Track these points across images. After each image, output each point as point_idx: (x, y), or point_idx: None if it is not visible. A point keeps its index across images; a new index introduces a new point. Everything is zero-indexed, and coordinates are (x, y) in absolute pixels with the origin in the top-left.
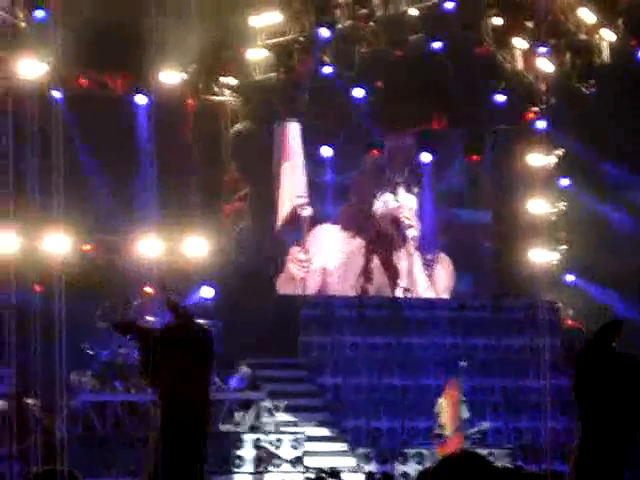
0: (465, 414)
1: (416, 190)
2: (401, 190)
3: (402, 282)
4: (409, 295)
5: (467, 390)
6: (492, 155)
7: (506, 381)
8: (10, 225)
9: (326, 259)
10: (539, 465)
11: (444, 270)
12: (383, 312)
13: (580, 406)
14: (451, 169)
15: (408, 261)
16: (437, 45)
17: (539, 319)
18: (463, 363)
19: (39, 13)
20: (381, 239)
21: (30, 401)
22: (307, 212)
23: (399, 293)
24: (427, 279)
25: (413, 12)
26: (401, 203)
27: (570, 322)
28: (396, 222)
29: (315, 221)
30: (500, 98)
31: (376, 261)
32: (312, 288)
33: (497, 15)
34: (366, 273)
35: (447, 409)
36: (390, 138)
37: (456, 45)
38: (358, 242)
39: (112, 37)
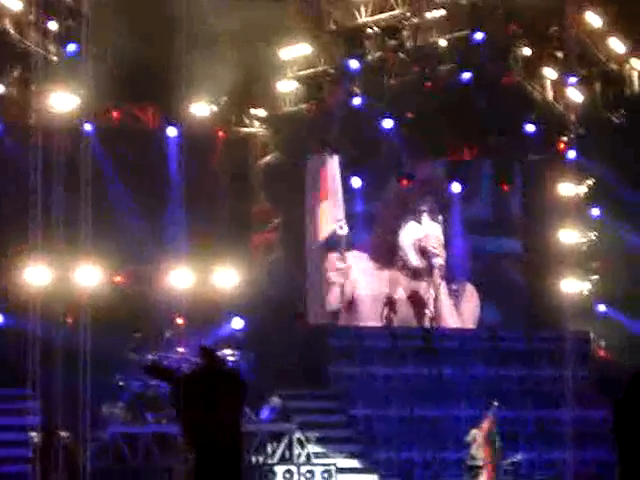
0: (499, 443)
1: (440, 218)
2: (425, 218)
3: (428, 312)
4: (435, 325)
5: (500, 421)
6: (522, 185)
7: (539, 412)
8: (41, 257)
9: (356, 285)
10: None
11: (470, 300)
12: (414, 342)
13: (619, 445)
14: (480, 198)
15: (434, 291)
16: (467, 76)
17: (570, 350)
18: (495, 403)
19: (71, 47)
20: (406, 269)
21: (63, 433)
22: (344, 230)
23: (427, 324)
24: (453, 309)
25: (443, 43)
26: (427, 232)
27: (602, 353)
28: (423, 251)
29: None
30: (530, 128)
31: (401, 292)
32: (346, 299)
33: (526, 45)
34: (391, 304)
35: (481, 442)
36: (417, 167)
37: (486, 76)
38: (385, 273)
39: (143, 70)
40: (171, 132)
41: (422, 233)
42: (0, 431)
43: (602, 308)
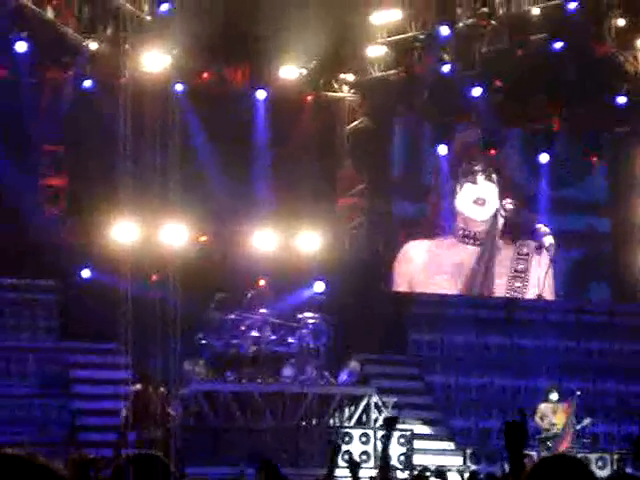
0: (577, 425)
1: (495, 177)
2: (480, 178)
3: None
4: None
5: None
6: (610, 157)
7: (619, 386)
8: (129, 215)
9: (414, 275)
10: None
11: (540, 266)
12: (496, 312)
13: None
14: (567, 170)
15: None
16: (558, 45)
17: None
18: (578, 393)
19: (164, 6)
20: (468, 237)
21: (162, 389)
22: None
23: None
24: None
25: (535, 11)
26: (483, 191)
27: None
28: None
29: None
30: (621, 100)
31: (472, 262)
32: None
33: (620, 16)
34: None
35: (560, 424)
36: (459, 132)
37: (578, 45)
38: (447, 245)
39: (234, 32)
40: (260, 95)
41: (479, 194)
42: (92, 385)
43: None
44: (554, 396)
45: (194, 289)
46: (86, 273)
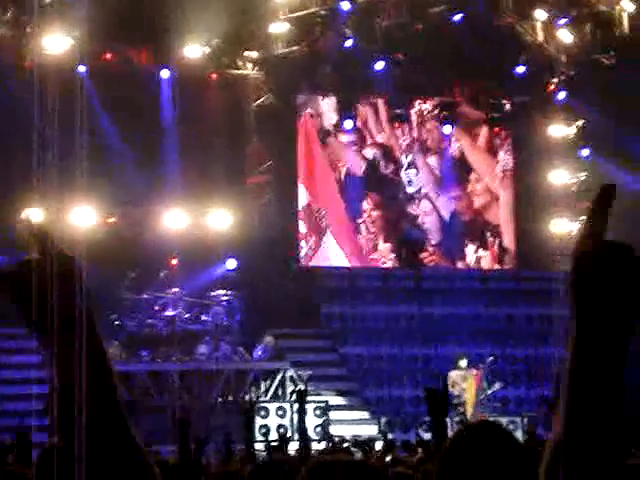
0: (488, 390)
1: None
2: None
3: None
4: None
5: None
6: (512, 126)
7: (527, 350)
8: (35, 199)
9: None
10: None
11: None
12: (405, 282)
13: (576, 300)
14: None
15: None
16: (458, 17)
17: (559, 290)
18: (491, 358)
19: None
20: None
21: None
22: None
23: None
24: None
25: None
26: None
27: None
28: None
29: None
30: (520, 69)
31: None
32: None
33: None
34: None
35: (470, 391)
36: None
37: (477, 17)
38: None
39: (136, 12)
40: (164, 74)
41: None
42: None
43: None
44: (463, 363)
45: (105, 270)
46: None
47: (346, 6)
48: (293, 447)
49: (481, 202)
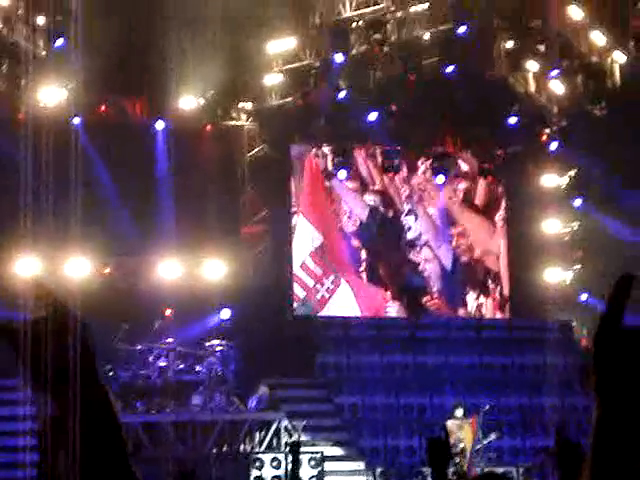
0: (484, 440)
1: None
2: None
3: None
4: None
5: (472, 407)
6: (505, 176)
7: (522, 399)
8: (30, 250)
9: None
10: None
11: None
12: (399, 332)
13: (598, 389)
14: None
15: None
16: (450, 69)
17: (553, 339)
18: (487, 407)
19: (59, 41)
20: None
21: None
22: None
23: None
24: None
25: (426, 36)
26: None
27: (585, 341)
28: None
29: None
30: (513, 120)
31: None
32: None
33: (509, 39)
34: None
35: (467, 440)
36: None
37: (469, 69)
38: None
39: (131, 64)
40: (159, 125)
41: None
42: None
43: (584, 297)
44: (459, 412)
45: (99, 321)
46: None
47: (339, 58)
48: None
49: (481, 251)
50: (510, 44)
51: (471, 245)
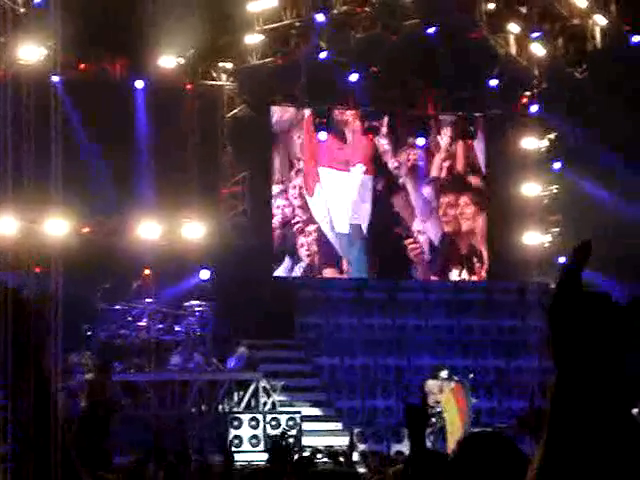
0: (471, 402)
1: None
2: None
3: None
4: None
5: (461, 370)
6: (485, 138)
7: (499, 362)
8: (9, 208)
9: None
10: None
11: None
12: (380, 294)
13: (556, 353)
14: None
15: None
16: (431, 30)
17: (531, 301)
18: (471, 375)
19: None
20: None
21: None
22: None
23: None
24: None
25: None
26: None
27: None
28: None
29: None
30: (493, 82)
31: None
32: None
33: (491, 0)
34: None
35: (449, 405)
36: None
37: (450, 30)
38: None
39: (111, 22)
40: (139, 84)
41: None
42: None
43: (562, 260)
44: (444, 374)
45: (79, 280)
46: None
47: (320, 18)
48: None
49: (467, 225)
50: (491, 6)
51: (457, 218)
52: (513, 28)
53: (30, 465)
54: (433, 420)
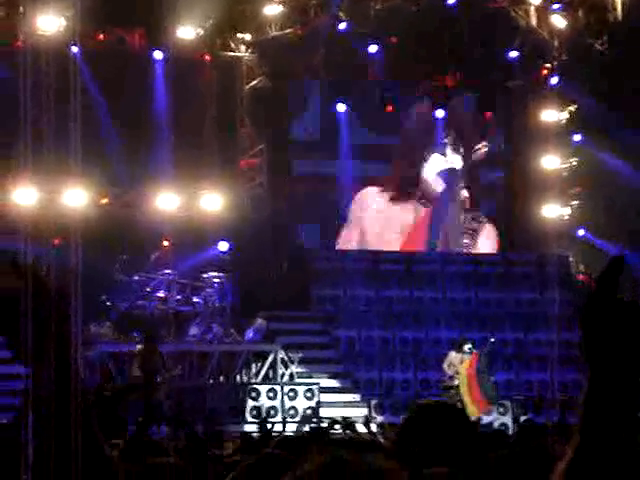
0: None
1: (462, 150)
2: (449, 150)
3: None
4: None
5: (479, 342)
6: (505, 111)
7: (518, 334)
8: (29, 180)
9: (367, 221)
10: (550, 417)
11: (488, 240)
12: (397, 266)
13: (588, 360)
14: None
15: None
16: (452, 0)
17: (550, 273)
18: (492, 339)
19: None
20: (424, 199)
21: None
22: None
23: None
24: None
25: None
26: (452, 164)
27: (581, 277)
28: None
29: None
30: (513, 54)
31: (420, 223)
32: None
33: None
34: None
35: (467, 380)
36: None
37: (471, 1)
38: (402, 204)
39: None
40: (157, 55)
41: (446, 165)
42: None
43: (582, 233)
44: (467, 347)
45: (98, 251)
46: None
47: None
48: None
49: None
50: None
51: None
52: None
53: (52, 441)
54: (452, 392)
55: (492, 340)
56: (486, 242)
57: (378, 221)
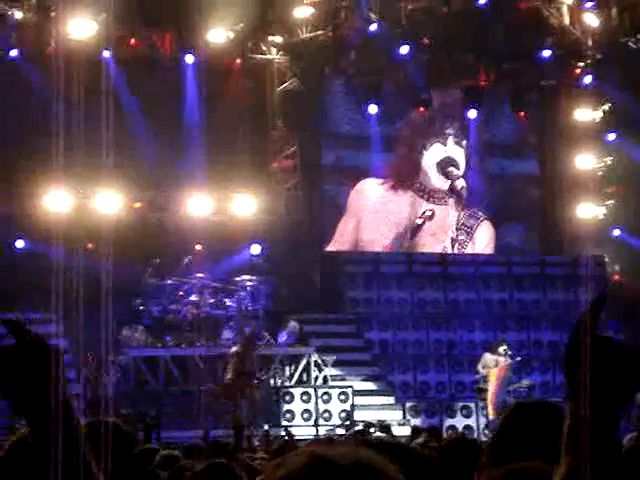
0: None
1: (465, 142)
2: (450, 141)
3: (451, 233)
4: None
5: (514, 344)
6: (538, 110)
7: (554, 336)
8: (62, 184)
9: (364, 212)
10: None
11: (485, 236)
12: (431, 268)
13: (572, 395)
14: (496, 125)
15: (455, 214)
16: (483, 1)
17: (585, 274)
18: (518, 358)
19: None
20: (424, 192)
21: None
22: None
23: (448, 245)
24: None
25: None
26: (451, 155)
27: (617, 277)
28: (446, 174)
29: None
30: (546, 53)
31: (420, 213)
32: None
33: None
34: (412, 227)
35: (495, 381)
36: (438, 91)
37: (502, 0)
38: (401, 194)
39: None
40: (189, 59)
41: (446, 155)
42: None
43: (617, 233)
44: (503, 349)
45: (130, 256)
46: (20, 244)
47: None
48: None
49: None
50: None
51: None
52: None
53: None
54: (484, 395)
55: (518, 358)
56: (482, 239)
57: (374, 212)
